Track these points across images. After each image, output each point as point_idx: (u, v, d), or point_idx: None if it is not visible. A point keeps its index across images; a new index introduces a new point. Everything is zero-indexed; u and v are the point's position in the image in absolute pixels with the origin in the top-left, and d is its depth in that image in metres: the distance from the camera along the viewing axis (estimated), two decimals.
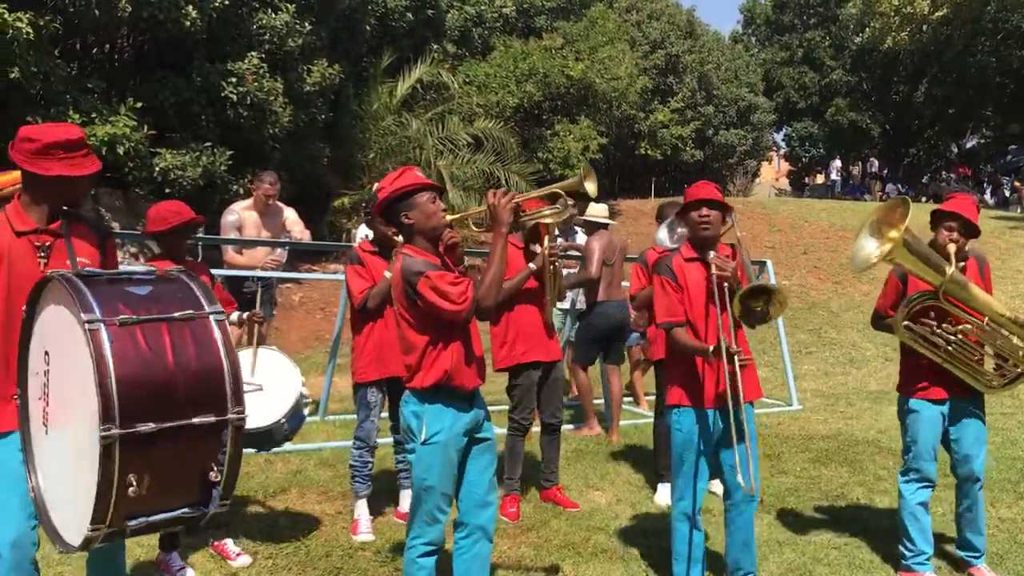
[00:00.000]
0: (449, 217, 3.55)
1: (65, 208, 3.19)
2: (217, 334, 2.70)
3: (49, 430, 2.81)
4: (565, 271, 5.92)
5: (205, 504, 2.68)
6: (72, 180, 3.02)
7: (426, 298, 3.31)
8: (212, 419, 2.61)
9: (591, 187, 4.05)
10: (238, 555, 4.51)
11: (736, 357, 3.77)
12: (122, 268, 3.04)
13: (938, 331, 4.26)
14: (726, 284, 3.89)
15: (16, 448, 2.95)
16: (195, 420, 2.58)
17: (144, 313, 2.61)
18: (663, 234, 5.86)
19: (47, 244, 3.08)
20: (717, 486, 5.66)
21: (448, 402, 3.45)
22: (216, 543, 4.58)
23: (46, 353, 2.80)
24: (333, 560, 4.58)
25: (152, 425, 2.50)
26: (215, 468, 2.65)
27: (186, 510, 2.67)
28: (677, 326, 4.01)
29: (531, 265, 5.06)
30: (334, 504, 5.48)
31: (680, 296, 4.02)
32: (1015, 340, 4.31)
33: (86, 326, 2.50)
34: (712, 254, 3.99)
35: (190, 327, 2.66)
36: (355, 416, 5.11)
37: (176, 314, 2.66)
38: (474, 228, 4.59)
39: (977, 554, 4.61)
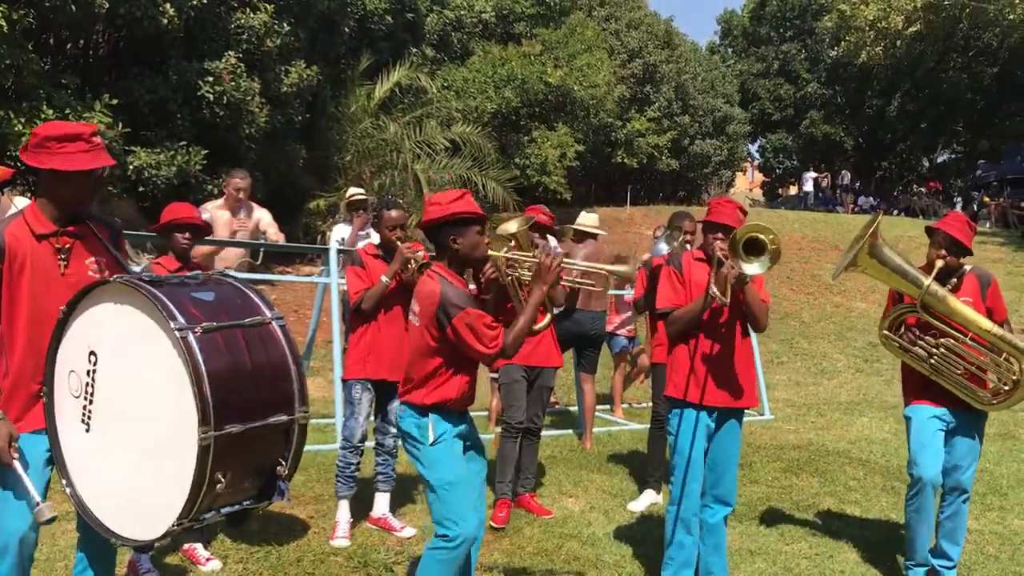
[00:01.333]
0: (491, 253, 3.64)
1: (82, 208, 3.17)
2: (283, 339, 2.87)
3: (92, 428, 2.87)
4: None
5: (268, 496, 2.86)
6: (65, 175, 2.98)
7: (461, 335, 3.37)
8: (284, 418, 2.81)
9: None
10: (208, 560, 4.46)
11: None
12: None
13: (919, 342, 4.39)
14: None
15: (34, 450, 2.99)
16: (271, 420, 2.77)
17: (218, 319, 2.75)
18: (662, 245, 5.92)
19: (66, 246, 3.08)
20: None
21: (445, 415, 3.53)
22: (185, 547, 4.52)
23: (92, 353, 2.86)
24: (304, 565, 4.55)
25: (240, 426, 2.67)
26: (283, 462, 2.85)
27: (248, 502, 2.84)
28: (675, 310, 4.16)
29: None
30: (306, 508, 5.44)
31: (683, 290, 4.20)
32: (1002, 357, 4.35)
33: (176, 334, 2.62)
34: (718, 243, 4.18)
35: (259, 332, 2.84)
36: (328, 420, 5.09)
37: (246, 320, 2.83)
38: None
39: (950, 564, 4.65)
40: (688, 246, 5.75)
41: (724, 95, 33.39)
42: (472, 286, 3.72)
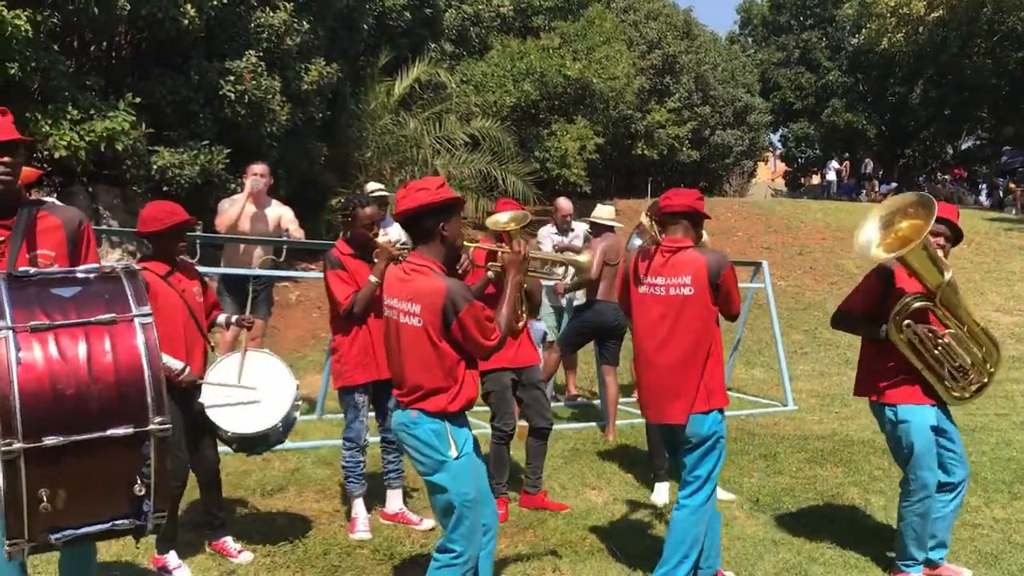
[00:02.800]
0: (466, 243, 3.65)
1: (33, 199, 3.15)
2: (140, 339, 2.52)
3: None
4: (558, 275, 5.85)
5: (138, 516, 2.55)
6: None
7: (468, 329, 3.28)
8: (130, 430, 2.47)
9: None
10: (239, 552, 4.52)
11: None
12: (83, 266, 2.88)
13: (928, 335, 4.23)
14: None
15: None
16: (110, 432, 2.44)
17: (61, 317, 2.47)
18: (636, 240, 5.89)
19: (2, 240, 3.02)
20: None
21: (461, 421, 3.47)
22: (214, 543, 4.59)
23: None
24: (331, 558, 4.60)
25: (60, 438, 2.38)
26: (140, 480, 2.50)
27: (121, 522, 2.55)
28: None
29: (488, 273, 5.03)
30: (332, 502, 5.50)
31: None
32: (977, 351, 4.35)
33: None
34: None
35: (110, 332, 2.50)
36: None
37: (95, 318, 2.51)
38: (471, 228, 4.71)
39: (945, 550, 4.65)
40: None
41: (745, 85, 33.23)
42: None
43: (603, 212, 7.46)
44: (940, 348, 4.25)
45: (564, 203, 8.81)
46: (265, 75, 11.83)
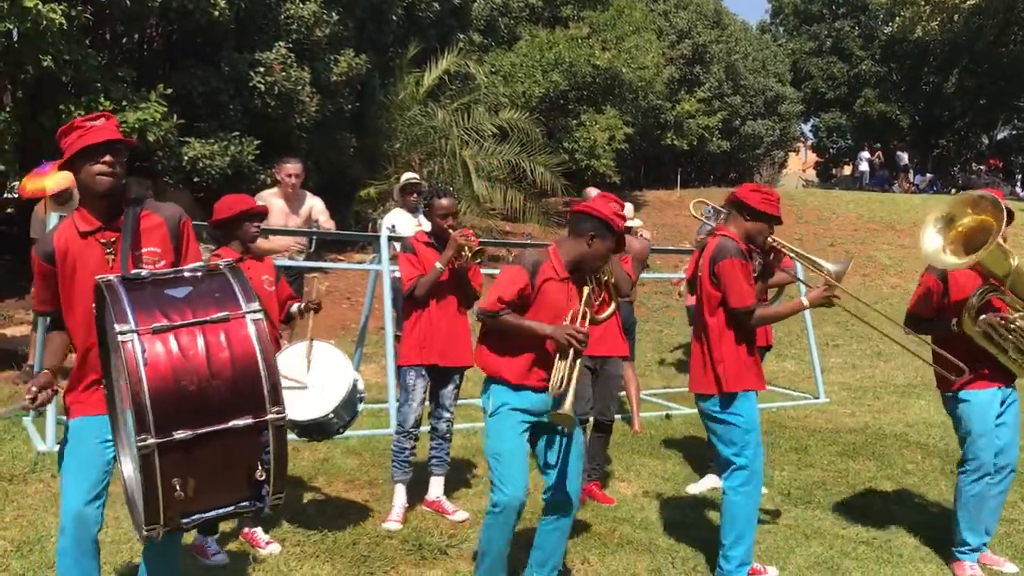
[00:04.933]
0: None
1: (132, 198, 3.23)
2: (253, 334, 2.67)
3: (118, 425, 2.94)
4: None
5: (258, 499, 2.73)
6: (86, 151, 3.02)
7: None
8: (250, 421, 2.62)
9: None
10: (267, 543, 4.55)
11: None
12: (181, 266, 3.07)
13: (1001, 322, 4.34)
14: None
15: (95, 431, 3.10)
16: (232, 424, 2.60)
17: (178, 318, 2.62)
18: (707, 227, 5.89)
19: (112, 240, 3.14)
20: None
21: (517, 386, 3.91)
22: (246, 531, 4.62)
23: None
24: (360, 548, 4.61)
25: (188, 432, 2.53)
26: (260, 467, 2.67)
27: (243, 504, 2.74)
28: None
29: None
30: (361, 492, 5.51)
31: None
32: None
33: (118, 338, 2.54)
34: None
35: (225, 329, 2.65)
36: (382, 405, 5.14)
37: (210, 316, 2.65)
38: (499, 219, 4.81)
39: (989, 537, 4.68)
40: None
41: (776, 74, 32.87)
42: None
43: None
44: (1014, 331, 4.36)
45: (594, 193, 8.72)
46: (295, 66, 11.87)
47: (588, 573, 4.45)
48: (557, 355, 3.73)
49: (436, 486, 5.27)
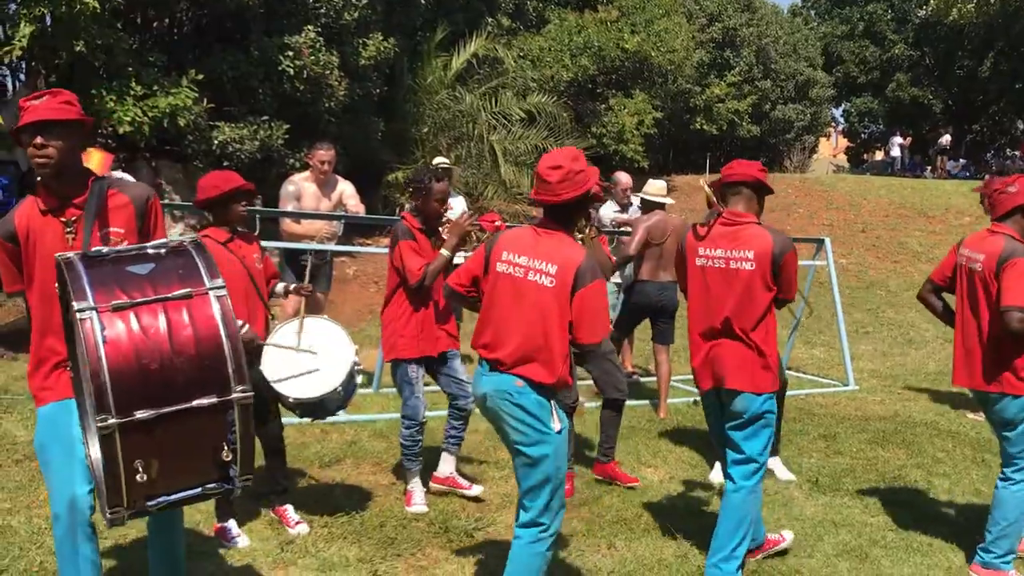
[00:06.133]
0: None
1: (97, 176, 3.18)
2: (216, 311, 2.59)
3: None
4: None
5: (226, 480, 2.64)
6: (27, 128, 2.98)
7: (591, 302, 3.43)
8: (215, 400, 2.54)
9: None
10: (297, 523, 4.59)
11: None
12: (151, 241, 2.97)
13: None
14: None
15: (68, 415, 3.02)
16: (195, 403, 2.52)
17: (139, 295, 2.55)
18: None
19: (73, 219, 3.08)
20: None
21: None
22: (278, 508, 4.66)
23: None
24: (387, 530, 4.65)
25: (150, 412, 2.46)
26: (227, 447, 2.59)
27: (211, 486, 2.65)
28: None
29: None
30: (388, 475, 5.55)
31: None
32: None
33: (76, 315, 2.47)
34: None
35: (187, 306, 2.57)
36: None
37: (172, 293, 2.57)
38: (526, 204, 4.72)
39: None
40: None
41: (807, 58, 32.47)
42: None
43: (654, 188, 7.30)
44: None
45: (623, 177, 8.69)
46: (323, 50, 11.90)
47: (614, 558, 4.45)
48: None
49: (448, 463, 5.20)
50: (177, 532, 3.43)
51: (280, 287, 4.80)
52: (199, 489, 2.64)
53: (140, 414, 2.45)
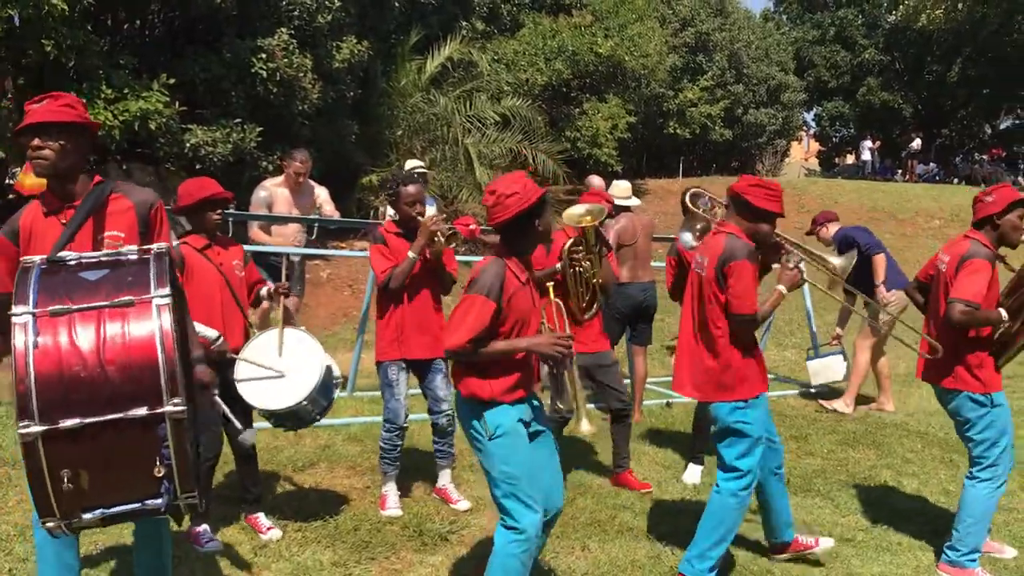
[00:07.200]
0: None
1: (100, 180, 3.19)
2: (155, 322, 2.51)
3: None
4: None
5: (163, 496, 2.55)
6: (25, 130, 3.02)
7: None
8: (144, 412, 2.46)
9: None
10: (269, 529, 4.57)
11: None
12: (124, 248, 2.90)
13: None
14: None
15: None
16: (124, 414, 2.45)
17: (83, 301, 2.51)
18: (687, 235, 5.60)
19: (64, 222, 3.10)
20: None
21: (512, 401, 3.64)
22: (250, 516, 4.64)
23: None
24: (361, 534, 4.64)
25: (76, 420, 2.40)
26: (159, 462, 2.49)
27: (151, 502, 2.55)
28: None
29: (556, 265, 5.05)
30: (362, 479, 5.54)
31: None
32: None
33: (12, 319, 2.45)
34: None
35: (126, 314, 2.51)
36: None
37: (112, 301, 2.52)
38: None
39: None
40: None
41: (779, 63, 32.81)
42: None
43: (618, 190, 7.24)
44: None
45: (597, 181, 8.65)
46: (297, 53, 11.85)
47: (588, 560, 4.47)
48: (545, 365, 3.64)
49: (444, 476, 5.27)
50: (164, 542, 3.38)
51: (264, 291, 4.80)
52: (138, 504, 2.55)
53: (66, 423, 2.39)
